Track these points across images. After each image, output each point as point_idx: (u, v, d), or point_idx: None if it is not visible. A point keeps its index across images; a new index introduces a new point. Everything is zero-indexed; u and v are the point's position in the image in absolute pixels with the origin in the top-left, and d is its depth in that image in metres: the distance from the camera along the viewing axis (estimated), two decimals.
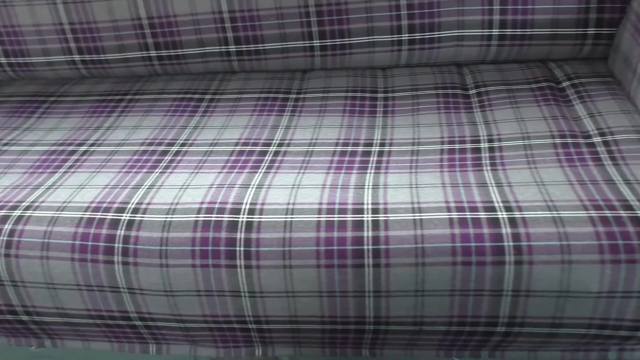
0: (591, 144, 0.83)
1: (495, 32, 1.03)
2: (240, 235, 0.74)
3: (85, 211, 0.80)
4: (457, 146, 0.87)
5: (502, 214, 0.71)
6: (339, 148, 0.90)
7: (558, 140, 0.84)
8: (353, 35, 1.06)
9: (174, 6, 1.07)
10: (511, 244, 0.67)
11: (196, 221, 0.76)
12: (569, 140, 0.84)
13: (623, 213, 0.68)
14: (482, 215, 0.71)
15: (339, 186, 0.80)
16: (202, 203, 0.79)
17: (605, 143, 0.83)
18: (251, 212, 0.76)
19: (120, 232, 0.76)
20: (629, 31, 0.93)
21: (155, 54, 1.13)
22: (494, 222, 0.70)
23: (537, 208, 0.71)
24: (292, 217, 0.75)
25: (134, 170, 0.89)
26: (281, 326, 0.78)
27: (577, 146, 0.83)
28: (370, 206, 0.75)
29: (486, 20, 1.02)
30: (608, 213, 0.69)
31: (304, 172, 0.84)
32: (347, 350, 0.82)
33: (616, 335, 0.70)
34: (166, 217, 0.77)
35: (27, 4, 1.10)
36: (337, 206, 0.76)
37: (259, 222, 0.75)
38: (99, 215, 0.79)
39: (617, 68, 0.97)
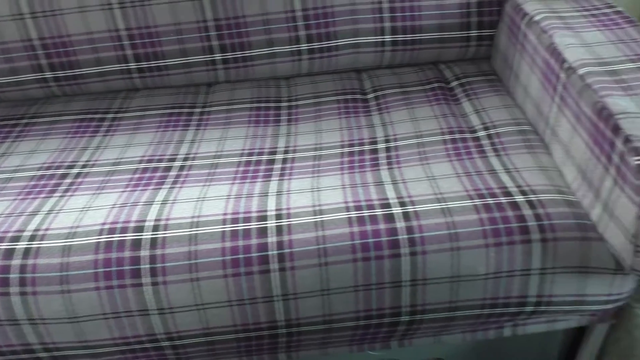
0: (476, 138, 0.89)
1: (388, 38, 1.09)
2: (144, 252, 0.74)
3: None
4: (356, 149, 0.91)
5: (396, 210, 0.75)
6: (244, 158, 0.91)
7: (447, 137, 0.90)
8: (253, 48, 1.08)
9: (68, 26, 1.05)
10: (405, 236, 0.72)
11: (98, 243, 0.75)
12: (457, 135, 0.91)
13: (503, 199, 0.74)
14: (379, 212, 0.75)
15: (244, 196, 0.81)
16: (103, 224, 0.78)
17: (489, 136, 0.89)
18: (155, 228, 0.76)
19: (16, 261, 0.73)
20: (505, 32, 1.01)
21: (50, 75, 1.09)
22: (390, 218, 0.74)
23: (427, 201, 0.76)
24: (197, 230, 0.75)
25: (31, 196, 0.86)
26: (195, 340, 0.77)
27: (464, 141, 0.89)
28: (273, 212, 0.77)
29: (378, 27, 1.08)
30: (490, 200, 0.75)
31: (209, 185, 0.85)
32: (264, 357, 0.83)
33: (506, 312, 0.76)
34: (65, 242, 0.75)
35: None
36: (241, 215, 0.77)
37: (164, 237, 0.75)
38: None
39: (498, 66, 1.06)
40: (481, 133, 0.90)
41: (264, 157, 0.91)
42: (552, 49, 0.82)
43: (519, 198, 0.74)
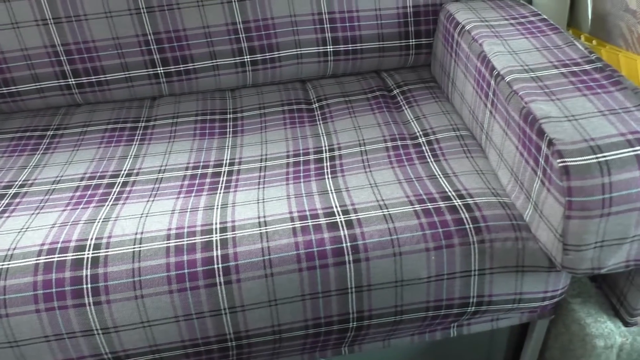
0: (417, 145, 0.92)
1: (330, 48, 1.10)
2: (86, 272, 0.72)
3: None
4: (301, 158, 0.92)
5: (340, 218, 0.76)
6: (189, 172, 0.91)
7: (390, 144, 0.93)
8: (196, 60, 1.08)
9: (1, 43, 1.02)
10: (349, 244, 0.73)
11: (37, 264, 0.73)
12: (399, 142, 0.93)
13: (442, 204, 0.77)
14: (323, 221, 0.76)
15: (189, 210, 0.81)
16: (42, 245, 0.76)
17: (429, 142, 0.92)
18: (97, 247, 0.75)
19: None
20: (441, 41, 1.05)
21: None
22: (333, 226, 0.75)
23: (370, 208, 0.77)
24: (140, 247, 0.74)
25: None
26: (143, 358, 0.76)
27: (406, 147, 0.92)
28: (218, 226, 0.77)
29: (320, 38, 1.09)
30: (430, 205, 0.77)
31: (153, 200, 0.84)
32: None
33: (450, 313, 0.78)
34: (2, 265, 0.73)
35: None
36: (186, 230, 0.77)
37: (106, 256, 0.74)
38: None
39: (437, 73, 1.09)
40: (421, 139, 0.93)
41: (210, 170, 0.91)
42: (483, 57, 0.86)
43: (457, 202, 0.77)
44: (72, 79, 1.07)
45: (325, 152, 0.93)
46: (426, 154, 0.90)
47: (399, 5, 1.08)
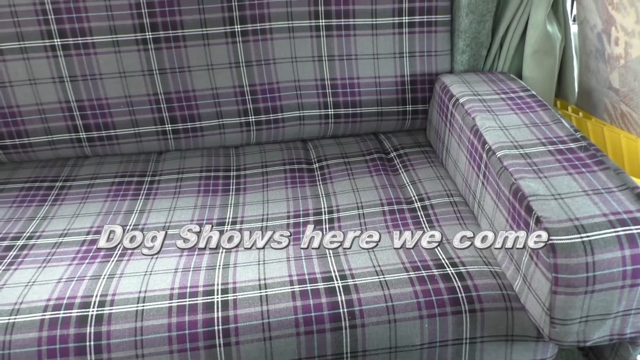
0: (413, 209, 0.96)
1: (331, 111, 1.16)
2: (90, 329, 0.74)
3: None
4: (301, 219, 0.96)
5: (337, 283, 0.79)
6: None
7: (386, 208, 0.97)
8: (203, 119, 1.13)
9: (17, 97, 1.07)
10: (346, 310, 0.76)
11: (42, 320, 0.75)
12: (395, 207, 0.97)
13: (436, 271, 0.80)
14: (321, 285, 0.79)
15: (191, 269, 0.84)
16: (48, 300, 0.78)
17: (424, 207, 0.96)
18: (101, 304, 0.77)
19: None
20: (436, 109, 1.11)
21: None
22: (331, 291, 0.78)
23: (366, 274, 0.81)
24: (143, 306, 0.77)
25: None
26: None
27: (402, 212, 0.96)
28: (220, 287, 0.80)
29: (322, 101, 1.15)
30: (424, 273, 0.80)
31: (157, 257, 0.87)
32: None
33: None
34: (8, 319, 0.75)
35: None
36: (188, 290, 0.79)
37: (110, 314, 0.76)
38: None
39: (432, 139, 1.15)
40: (417, 204, 0.97)
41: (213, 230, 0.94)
42: (475, 131, 0.91)
43: (450, 270, 0.80)
44: (83, 133, 1.11)
45: (325, 214, 0.97)
46: (421, 219, 0.94)
47: (397, 73, 1.15)
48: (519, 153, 0.83)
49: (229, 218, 0.97)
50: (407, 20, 1.12)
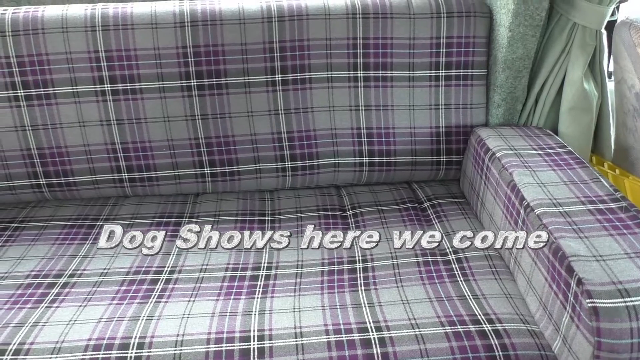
0: (447, 262, 0.96)
1: (366, 159, 1.18)
2: None
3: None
4: (336, 267, 0.97)
5: (373, 335, 0.79)
6: (229, 273, 0.96)
7: (420, 259, 0.97)
8: (241, 164, 1.16)
9: (66, 138, 1.12)
10: None
11: None
12: (430, 258, 0.97)
13: (472, 327, 0.80)
14: (356, 336, 0.79)
15: (228, 314, 0.85)
16: (89, 340, 0.80)
17: (459, 260, 0.96)
18: (140, 346, 0.79)
19: None
20: (471, 161, 1.12)
21: (45, 182, 1.14)
22: (367, 343, 0.78)
23: (402, 327, 0.80)
24: (181, 350, 0.78)
25: (17, 306, 0.88)
26: None
27: (436, 264, 0.96)
28: (256, 333, 0.81)
29: (357, 150, 1.17)
30: (460, 328, 0.80)
31: (194, 301, 0.89)
32: None
33: None
34: (50, 357, 0.77)
35: None
36: (225, 335, 0.80)
37: (148, 356, 0.77)
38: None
39: (466, 190, 1.15)
40: (451, 257, 0.97)
41: (248, 273, 0.96)
42: (513, 186, 0.92)
43: (486, 326, 0.80)
44: (126, 174, 1.15)
45: (359, 263, 0.98)
46: (456, 272, 0.94)
47: (432, 124, 1.17)
48: (558, 211, 0.83)
49: (264, 263, 0.99)
50: (443, 74, 1.15)
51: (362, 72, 1.15)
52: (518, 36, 1.07)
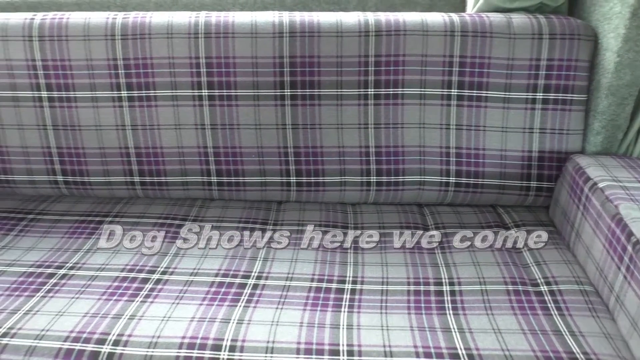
0: (539, 292, 0.93)
1: (452, 179, 1.16)
2: None
3: (65, 341, 0.81)
4: (422, 287, 0.96)
5: None
6: (314, 284, 0.96)
7: (510, 287, 0.94)
8: (327, 175, 1.17)
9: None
10: None
11: (177, 357, 0.79)
12: (520, 287, 0.94)
13: None
14: None
15: (316, 325, 0.85)
16: (183, 337, 0.82)
17: (552, 292, 0.93)
18: (232, 349, 0.80)
19: None
20: (566, 189, 1.08)
21: (138, 180, 1.19)
22: None
23: (495, 357, 0.78)
24: (272, 357, 0.79)
25: (114, 297, 0.92)
26: None
27: (528, 294, 0.93)
28: (345, 347, 0.81)
29: (444, 169, 1.16)
30: None
31: (282, 308, 0.90)
32: None
33: None
34: (147, 352, 0.80)
35: None
36: (314, 346, 0.81)
37: (240, 359, 0.79)
38: (78, 346, 0.81)
39: (557, 219, 1.11)
40: (543, 288, 0.94)
41: (334, 286, 0.96)
42: (618, 220, 0.88)
43: None
44: (215, 177, 1.18)
45: (445, 285, 0.96)
46: (549, 304, 0.90)
47: (525, 148, 1.14)
48: None
49: (349, 277, 0.99)
50: (541, 97, 1.11)
51: (455, 90, 1.13)
52: (627, 62, 1.03)
